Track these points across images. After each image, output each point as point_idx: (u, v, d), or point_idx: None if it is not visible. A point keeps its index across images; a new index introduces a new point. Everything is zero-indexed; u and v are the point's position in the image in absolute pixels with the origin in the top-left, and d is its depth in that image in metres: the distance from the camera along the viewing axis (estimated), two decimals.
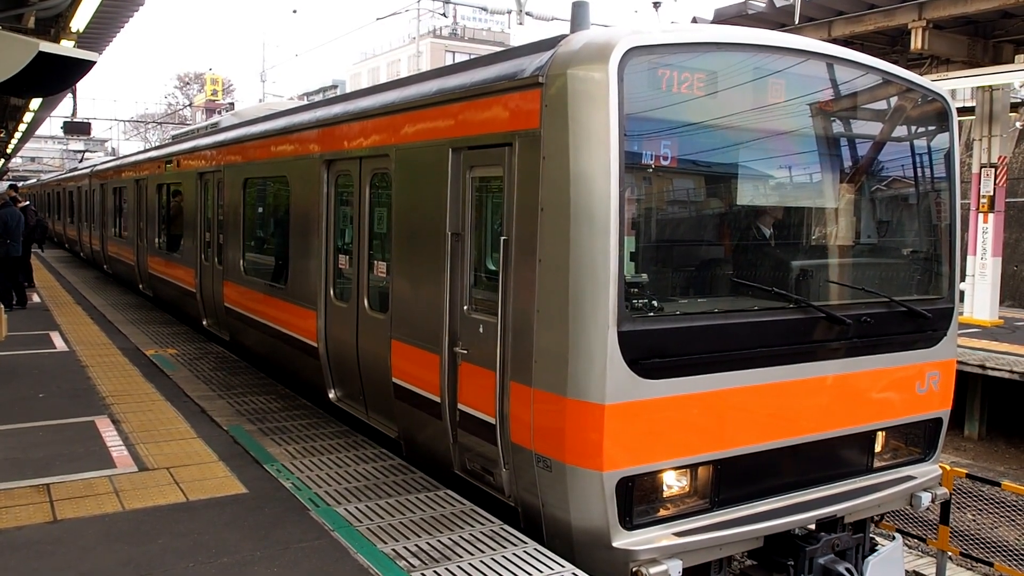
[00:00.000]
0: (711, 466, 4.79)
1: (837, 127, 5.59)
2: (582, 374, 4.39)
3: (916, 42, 14.35)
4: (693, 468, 4.77)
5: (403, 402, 6.13)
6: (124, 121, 58.50)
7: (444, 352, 5.50)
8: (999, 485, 7.42)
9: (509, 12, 22.35)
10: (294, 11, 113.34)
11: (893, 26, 14.86)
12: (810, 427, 5.16)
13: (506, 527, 4.96)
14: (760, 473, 5.01)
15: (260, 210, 9.86)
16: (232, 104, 50.97)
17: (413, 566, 4.41)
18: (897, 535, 6.21)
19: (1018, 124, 17.20)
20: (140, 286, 15.71)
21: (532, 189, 4.65)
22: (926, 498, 5.70)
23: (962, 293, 15.44)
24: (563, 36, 4.84)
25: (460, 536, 4.82)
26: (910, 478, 5.70)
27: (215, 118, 14.12)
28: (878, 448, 5.65)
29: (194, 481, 5.66)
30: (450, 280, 5.45)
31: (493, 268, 5.21)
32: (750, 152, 5.17)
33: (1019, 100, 18.66)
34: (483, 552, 4.60)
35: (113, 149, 59.45)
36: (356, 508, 5.21)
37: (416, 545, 4.67)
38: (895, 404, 5.63)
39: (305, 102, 10.77)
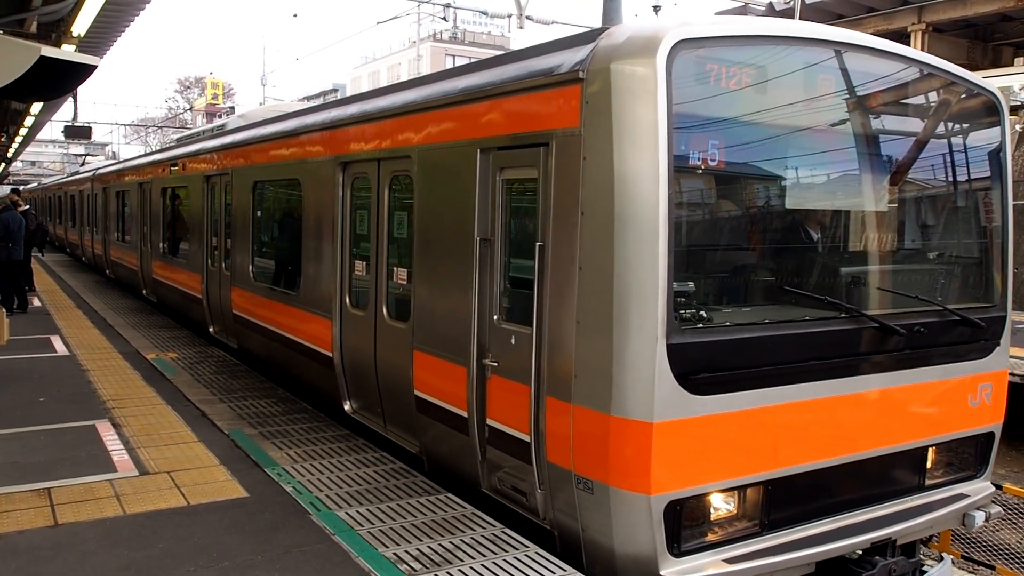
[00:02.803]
0: (762, 487, 4.51)
1: (890, 125, 5.30)
2: (628, 390, 4.12)
3: (916, 45, 14.39)
4: (743, 489, 4.50)
5: (426, 416, 5.83)
6: (125, 125, 58.58)
7: (472, 364, 5.21)
8: (1001, 488, 7.40)
9: (509, 16, 22.40)
10: (295, 15, 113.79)
11: (893, 29, 14.92)
12: (861, 443, 4.88)
13: (507, 531, 4.95)
14: (811, 493, 4.74)
15: (270, 214, 9.63)
16: (232, 108, 51.06)
17: (415, 570, 4.40)
18: (946, 555, 5.95)
19: (1018, 127, 17.21)
20: (144, 291, 15.52)
21: (571, 192, 4.36)
22: (979, 517, 5.38)
23: None
24: (604, 29, 4.56)
25: (462, 540, 4.81)
26: (962, 496, 5.40)
27: (221, 120, 14.02)
28: (930, 465, 5.36)
29: (195, 485, 5.66)
30: (478, 288, 5.17)
31: (526, 275, 4.91)
32: (801, 152, 4.91)
33: (1019, 103, 18.66)
34: (484, 556, 4.59)
35: (114, 153, 59.51)
36: (357, 512, 5.20)
37: (417, 549, 4.67)
38: (948, 418, 5.35)
39: (315, 103, 10.61)
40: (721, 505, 4.50)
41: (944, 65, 5.36)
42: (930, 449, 5.34)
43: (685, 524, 4.30)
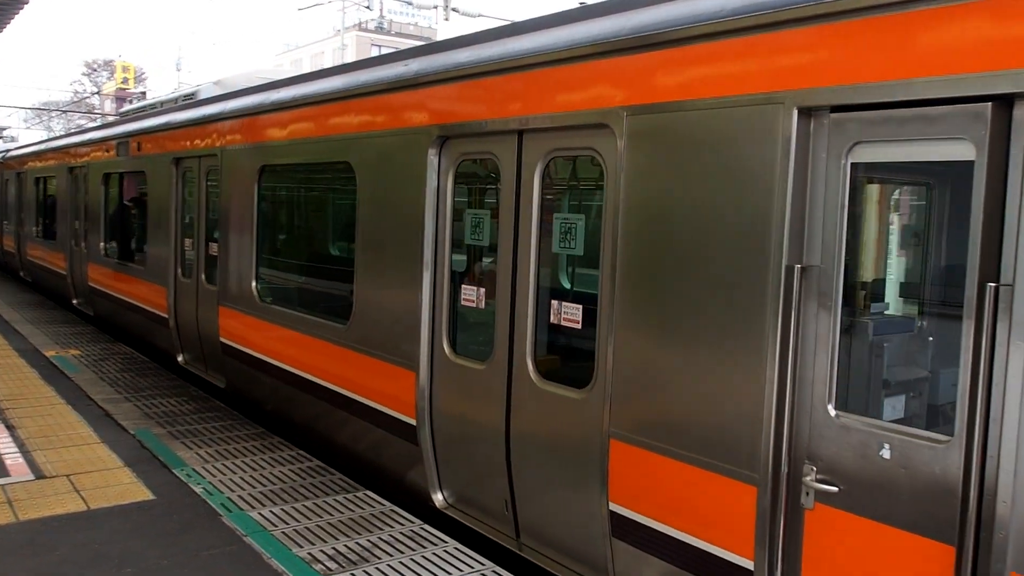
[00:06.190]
0: None
1: None
2: None
3: None
4: None
5: (635, 547, 3.87)
6: (25, 108, 55.31)
7: (767, 482, 3.24)
8: None
9: (435, 7, 22.23)
10: None
11: None
12: None
13: (426, 527, 4.91)
14: None
15: (291, 211, 7.48)
16: (144, 93, 48.76)
17: (330, 569, 4.31)
18: None
19: None
20: (74, 301, 13.03)
21: None
22: None
23: None
24: None
25: (380, 537, 4.74)
26: None
27: (190, 89, 12.35)
28: None
29: (96, 488, 5.39)
30: (787, 353, 3.19)
31: (934, 340, 3.27)
32: None
33: None
34: (403, 553, 4.54)
35: (12, 138, 56.13)
36: (271, 512, 5.06)
37: (334, 548, 4.57)
38: None
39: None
40: None
41: None
42: None
43: None
